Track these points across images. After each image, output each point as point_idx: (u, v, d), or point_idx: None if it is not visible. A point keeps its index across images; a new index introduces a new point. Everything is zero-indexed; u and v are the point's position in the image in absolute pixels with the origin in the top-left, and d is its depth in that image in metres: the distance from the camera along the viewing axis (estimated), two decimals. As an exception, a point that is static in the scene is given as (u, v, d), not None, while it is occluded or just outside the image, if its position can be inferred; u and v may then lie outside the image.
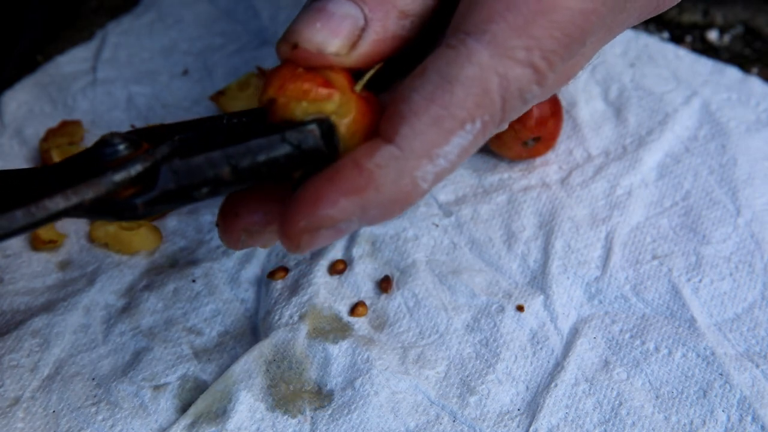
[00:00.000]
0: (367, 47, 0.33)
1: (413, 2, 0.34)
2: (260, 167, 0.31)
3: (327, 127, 0.32)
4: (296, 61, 0.33)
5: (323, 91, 0.32)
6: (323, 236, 0.32)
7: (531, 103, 0.34)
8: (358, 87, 0.33)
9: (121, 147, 0.30)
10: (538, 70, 0.32)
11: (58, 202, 0.28)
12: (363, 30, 0.33)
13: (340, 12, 0.33)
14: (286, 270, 0.46)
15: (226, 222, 0.35)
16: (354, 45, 0.33)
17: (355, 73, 0.33)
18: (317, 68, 0.33)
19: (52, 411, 0.41)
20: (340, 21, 0.32)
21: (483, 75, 0.31)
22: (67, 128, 0.53)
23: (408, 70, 0.33)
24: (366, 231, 0.47)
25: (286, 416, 0.41)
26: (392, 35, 0.33)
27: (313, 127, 0.31)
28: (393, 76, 0.35)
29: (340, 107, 0.32)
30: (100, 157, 0.30)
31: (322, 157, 0.32)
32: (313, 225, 0.32)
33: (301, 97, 0.32)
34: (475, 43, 0.31)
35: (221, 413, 0.40)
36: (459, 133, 0.32)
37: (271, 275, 0.46)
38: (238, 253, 0.47)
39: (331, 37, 0.32)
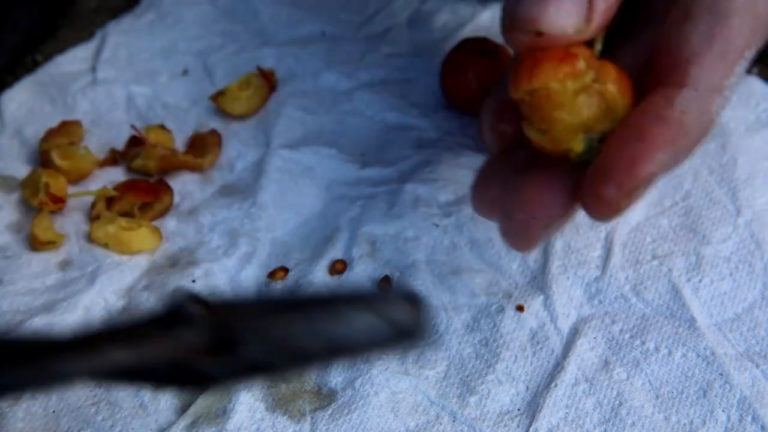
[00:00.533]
0: (600, 19, 0.33)
1: None
2: (358, 348, 0.27)
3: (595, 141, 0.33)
4: (539, 47, 0.33)
5: (580, 63, 0.32)
6: (640, 194, 0.33)
7: None
8: (597, 52, 0.34)
9: (196, 309, 0.26)
10: None
11: (122, 355, 0.24)
12: (590, 1, 0.33)
13: None
14: (286, 270, 0.46)
15: (526, 232, 0.36)
16: (589, 19, 0.33)
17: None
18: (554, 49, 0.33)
19: (52, 411, 0.41)
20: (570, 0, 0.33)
21: (751, 2, 0.33)
22: (67, 128, 0.53)
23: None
24: (366, 231, 0.47)
25: (286, 416, 0.41)
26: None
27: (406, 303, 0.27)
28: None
29: (599, 75, 0.33)
30: (173, 316, 0.26)
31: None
32: (634, 186, 0.33)
33: (562, 78, 0.32)
34: None
35: (221, 413, 0.40)
36: (740, 62, 0.34)
37: (271, 275, 0.46)
38: (238, 254, 0.47)
39: (571, 17, 0.32)
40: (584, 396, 0.41)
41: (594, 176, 0.33)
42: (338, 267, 0.46)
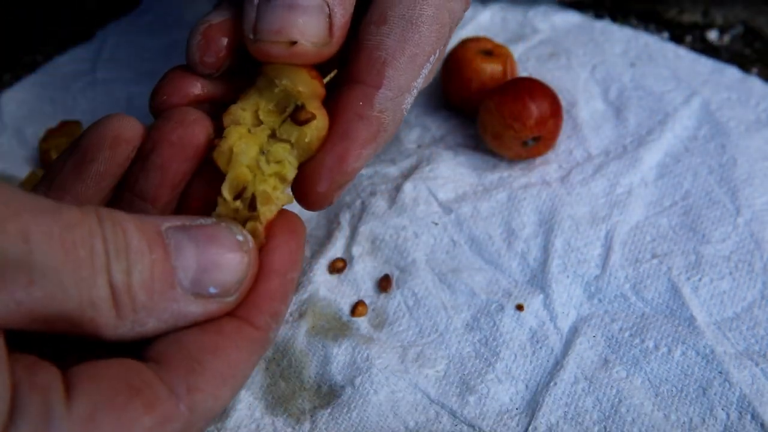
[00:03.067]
0: (339, 33, 0.34)
1: None
2: None
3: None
4: (290, 58, 0.34)
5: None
6: (347, 185, 0.36)
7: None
8: (329, 78, 0.36)
9: None
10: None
11: None
12: (331, 16, 0.34)
13: (310, 4, 0.34)
14: (285, 269, 0.46)
15: None
16: (331, 33, 0.34)
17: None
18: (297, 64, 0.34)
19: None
20: (315, 13, 0.34)
21: (439, 13, 0.37)
22: (67, 128, 0.53)
23: None
24: (366, 229, 0.47)
25: (286, 414, 0.41)
26: (349, 16, 0.35)
27: None
28: None
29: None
30: None
31: None
32: (344, 180, 0.35)
33: (313, 95, 0.34)
34: None
35: (220, 411, 0.40)
36: (426, 65, 0.37)
37: (271, 274, 0.46)
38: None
39: (317, 30, 0.34)
40: (584, 394, 0.41)
41: (308, 174, 0.34)
42: (338, 265, 0.46)
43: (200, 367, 0.28)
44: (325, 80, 0.36)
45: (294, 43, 0.33)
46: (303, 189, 0.35)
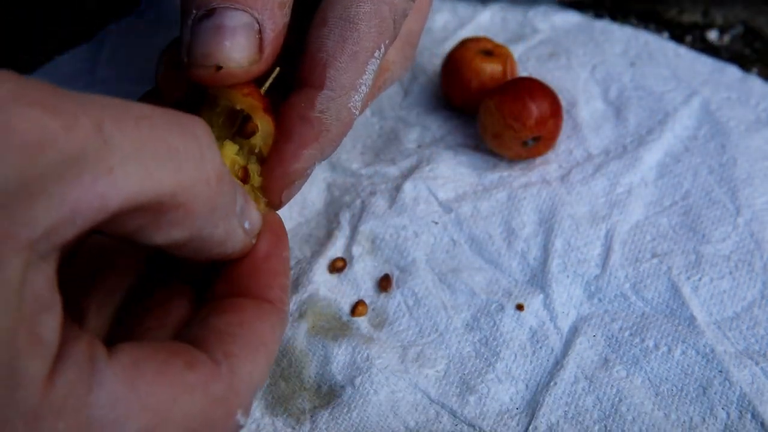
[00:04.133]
0: (270, 48, 0.35)
1: None
2: None
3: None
4: (218, 81, 0.35)
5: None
6: (297, 186, 0.37)
7: (407, 16, 0.40)
8: (265, 89, 0.37)
9: None
10: None
11: None
12: (260, 33, 0.35)
13: (238, 24, 0.34)
14: (285, 269, 0.46)
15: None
16: (261, 50, 0.35)
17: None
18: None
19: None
20: (243, 33, 0.34)
21: (377, 8, 0.37)
22: (67, 128, 0.53)
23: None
24: (366, 229, 0.47)
25: (286, 415, 0.41)
26: (282, 27, 0.36)
27: None
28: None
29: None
30: None
31: None
32: (289, 180, 0.36)
33: (251, 108, 0.35)
34: None
35: (221, 411, 0.40)
36: (371, 61, 0.37)
37: (271, 274, 0.46)
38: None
39: (244, 51, 0.34)
40: (584, 394, 0.41)
41: (263, 174, 0.36)
42: (338, 265, 0.46)
43: (231, 338, 0.29)
44: (269, 81, 0.37)
45: (219, 68, 0.34)
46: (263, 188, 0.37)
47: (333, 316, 0.44)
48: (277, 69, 0.37)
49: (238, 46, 0.34)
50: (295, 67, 0.38)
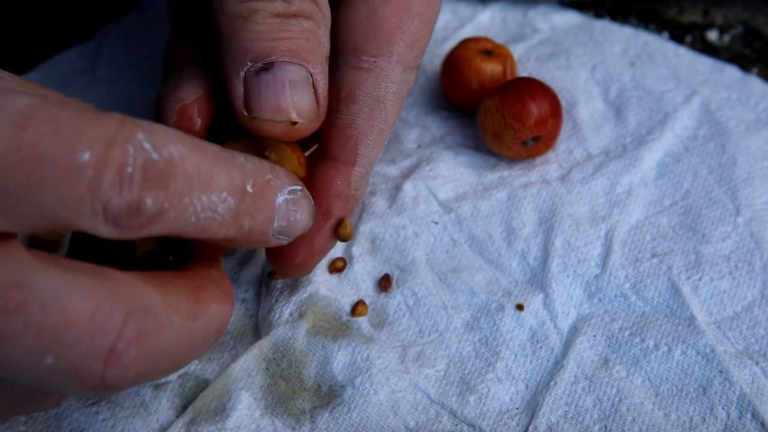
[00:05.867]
0: (324, 102, 0.36)
1: (327, 41, 0.37)
2: None
3: None
4: (291, 137, 0.35)
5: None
6: (325, 254, 0.42)
7: None
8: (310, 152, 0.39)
9: None
10: (419, 67, 0.41)
11: None
12: (315, 86, 0.35)
13: (299, 78, 0.35)
14: (285, 269, 0.46)
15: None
16: (318, 104, 0.36)
17: None
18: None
19: (54, 413, 0.41)
20: (305, 88, 0.35)
21: (400, 88, 0.40)
22: (67, 127, 0.53)
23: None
24: (366, 229, 0.47)
25: (286, 415, 0.41)
26: (328, 80, 0.37)
27: None
28: None
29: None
30: None
31: None
32: (323, 253, 0.41)
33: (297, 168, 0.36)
34: (386, 64, 0.39)
35: (220, 411, 0.40)
36: (386, 138, 0.40)
37: (271, 275, 0.46)
38: (238, 254, 0.47)
39: (309, 105, 0.35)
40: (584, 394, 0.41)
41: (288, 245, 0.37)
42: (338, 265, 0.46)
43: None
44: (307, 154, 0.38)
45: (294, 123, 0.35)
46: (282, 259, 0.40)
47: (333, 316, 0.44)
48: (316, 145, 0.39)
49: (303, 101, 0.35)
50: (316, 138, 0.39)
